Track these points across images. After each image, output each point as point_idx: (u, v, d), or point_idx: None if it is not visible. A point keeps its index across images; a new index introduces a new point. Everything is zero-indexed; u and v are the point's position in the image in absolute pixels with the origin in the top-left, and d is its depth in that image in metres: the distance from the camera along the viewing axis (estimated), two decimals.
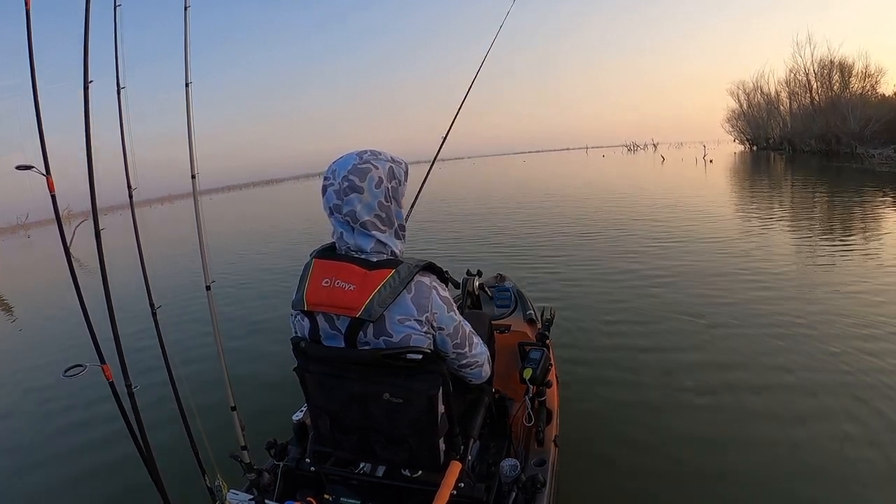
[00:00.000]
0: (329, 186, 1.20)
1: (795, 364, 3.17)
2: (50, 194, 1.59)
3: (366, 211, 1.19)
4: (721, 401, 2.85)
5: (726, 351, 3.46)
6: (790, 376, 3.03)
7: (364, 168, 1.19)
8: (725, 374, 3.13)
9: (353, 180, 1.17)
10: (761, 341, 3.54)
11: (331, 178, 1.20)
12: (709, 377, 3.12)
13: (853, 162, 19.52)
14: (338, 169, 1.20)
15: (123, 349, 1.79)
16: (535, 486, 1.40)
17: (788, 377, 3.02)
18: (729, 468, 2.29)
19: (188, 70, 1.92)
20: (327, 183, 1.21)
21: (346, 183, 1.17)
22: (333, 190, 1.19)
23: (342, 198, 1.18)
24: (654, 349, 3.57)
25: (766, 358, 3.29)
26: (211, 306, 2.12)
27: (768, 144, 39.19)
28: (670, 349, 3.56)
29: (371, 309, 1.12)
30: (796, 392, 2.86)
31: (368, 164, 1.20)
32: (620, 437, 2.58)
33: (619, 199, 12.58)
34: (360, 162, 1.20)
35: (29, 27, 1.50)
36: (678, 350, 3.53)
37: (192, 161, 1.99)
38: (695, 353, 3.48)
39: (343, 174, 1.18)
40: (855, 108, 24.70)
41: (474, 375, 1.41)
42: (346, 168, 1.19)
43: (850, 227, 7.79)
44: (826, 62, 28.84)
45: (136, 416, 1.77)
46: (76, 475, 2.72)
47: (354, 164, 1.19)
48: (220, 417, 2.26)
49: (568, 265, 6.24)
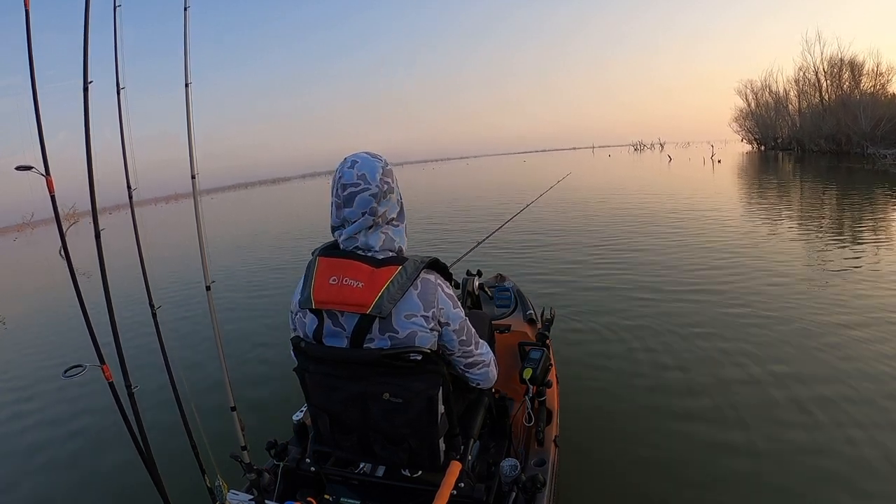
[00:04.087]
0: (364, 191, 1.20)
1: (795, 364, 3.16)
2: (50, 195, 1.60)
3: (393, 209, 1.26)
4: (722, 401, 2.83)
5: (727, 351, 3.43)
6: (790, 378, 3.00)
7: (389, 169, 1.26)
8: (726, 375, 3.11)
9: (388, 182, 1.24)
10: (762, 342, 3.52)
11: (361, 183, 1.20)
12: (709, 377, 3.10)
13: (864, 163, 19.27)
14: (367, 173, 1.21)
15: (123, 349, 1.80)
16: (535, 486, 1.39)
17: (788, 379, 2.99)
18: (729, 469, 2.28)
19: (188, 70, 1.93)
20: (357, 189, 1.20)
21: (384, 185, 1.22)
22: (371, 194, 1.21)
23: (380, 200, 1.22)
24: (654, 349, 3.55)
25: (766, 358, 3.27)
26: (211, 306, 2.12)
27: (776, 144, 38.84)
28: (671, 349, 3.54)
29: (381, 305, 1.13)
30: (796, 393, 2.83)
31: (390, 166, 1.26)
32: (620, 437, 2.57)
33: (623, 200, 12.52)
34: (383, 164, 1.24)
35: (28, 27, 1.51)
36: (679, 350, 3.51)
37: (191, 161, 1.99)
38: (695, 353, 3.45)
39: (378, 177, 1.22)
40: (866, 108, 24.37)
41: (481, 377, 1.39)
42: (377, 171, 1.22)
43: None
44: (836, 60, 28.55)
45: (136, 417, 1.78)
46: (76, 475, 2.73)
47: (382, 167, 1.24)
48: (220, 417, 2.27)
49: (568, 265, 6.23)
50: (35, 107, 1.53)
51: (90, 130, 1.68)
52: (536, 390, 1.83)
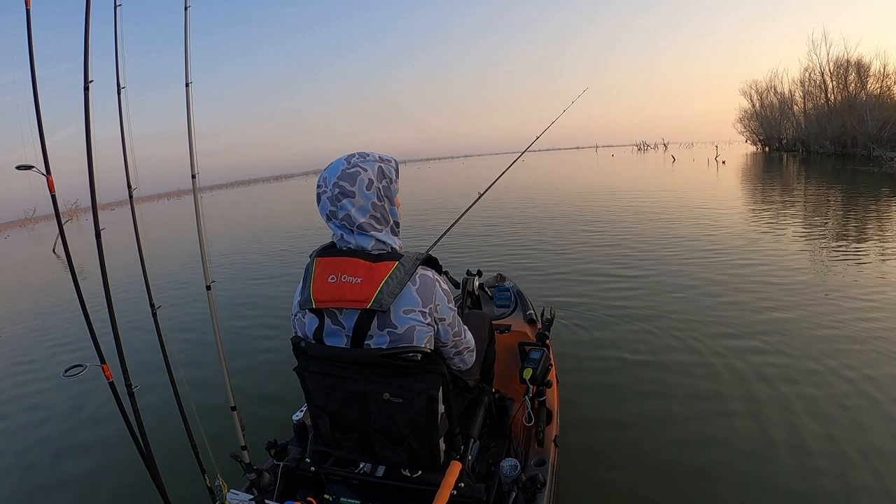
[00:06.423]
0: (322, 194, 1.23)
1: (797, 365, 3.14)
2: (51, 194, 1.60)
3: (360, 213, 1.21)
4: (722, 401, 2.82)
5: (729, 351, 3.41)
6: (790, 379, 2.98)
7: (353, 172, 1.21)
8: (727, 375, 3.10)
9: (343, 185, 1.20)
10: (764, 342, 3.50)
11: (323, 185, 1.23)
12: (710, 378, 3.09)
13: (871, 165, 19.11)
14: (328, 176, 1.22)
15: (123, 349, 1.80)
16: (535, 486, 1.39)
17: (793, 378, 2.98)
18: (729, 469, 2.27)
19: (188, 70, 1.94)
20: (320, 191, 1.24)
21: (336, 189, 1.20)
22: (327, 197, 1.22)
23: (336, 204, 1.21)
24: (655, 349, 3.54)
25: (769, 357, 3.26)
26: (211, 306, 2.12)
27: (781, 146, 38.67)
28: (672, 349, 3.52)
29: (381, 299, 1.14)
30: (797, 393, 2.82)
31: (357, 168, 1.22)
32: (620, 437, 2.56)
33: (623, 201, 12.45)
34: (348, 167, 1.22)
35: (29, 27, 1.51)
36: (680, 350, 3.50)
37: (192, 161, 2.00)
38: (696, 353, 3.44)
39: (333, 180, 1.21)
40: (872, 109, 24.17)
41: (464, 362, 1.43)
42: (336, 174, 1.21)
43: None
44: (842, 61, 28.34)
45: (137, 416, 1.78)
46: (76, 475, 2.73)
47: (343, 169, 1.22)
48: (221, 417, 2.27)
49: (568, 265, 6.20)
50: (35, 105, 1.53)
51: (91, 130, 1.68)
52: (536, 390, 1.82)
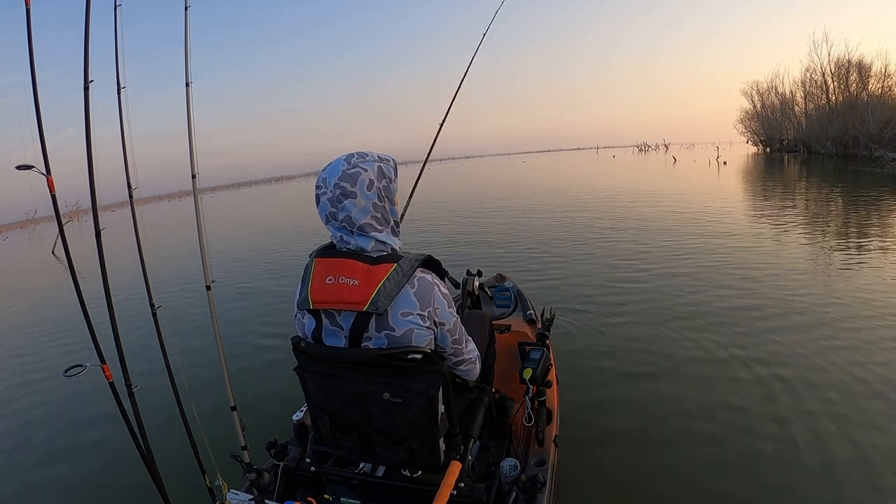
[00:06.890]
0: (322, 195, 1.22)
1: (798, 365, 3.14)
2: (51, 194, 1.60)
3: (361, 214, 1.20)
4: (722, 401, 2.81)
5: (730, 352, 3.41)
6: (798, 382, 2.96)
7: (353, 172, 1.20)
8: (728, 376, 3.09)
9: (344, 186, 1.19)
10: (763, 342, 3.49)
11: (322, 186, 1.21)
12: (710, 378, 3.09)
13: (872, 165, 19.07)
14: (328, 177, 1.21)
15: (123, 349, 1.80)
16: (535, 486, 1.39)
17: (796, 383, 2.96)
18: (730, 469, 2.27)
19: (188, 70, 1.93)
20: (320, 192, 1.22)
21: (338, 190, 1.19)
22: (327, 198, 1.20)
23: (336, 205, 1.19)
24: (655, 350, 3.53)
25: (773, 361, 3.24)
26: (211, 306, 2.12)
27: (782, 146, 38.61)
28: (672, 350, 3.51)
29: (378, 302, 1.13)
30: (797, 394, 2.82)
31: (357, 168, 1.20)
32: (621, 437, 2.56)
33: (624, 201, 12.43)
34: (348, 167, 1.20)
35: (29, 26, 1.51)
36: (680, 351, 3.49)
37: (192, 161, 2.00)
38: (697, 353, 3.44)
39: (334, 181, 1.19)
40: (874, 110, 24.12)
41: (467, 373, 1.42)
42: (336, 175, 1.20)
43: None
44: (843, 62, 28.26)
45: (137, 416, 1.77)
46: (76, 475, 2.73)
47: (343, 169, 1.20)
48: (221, 417, 2.27)
49: (568, 265, 6.21)
50: (35, 105, 1.53)
51: (91, 130, 1.68)
52: (536, 390, 1.82)
